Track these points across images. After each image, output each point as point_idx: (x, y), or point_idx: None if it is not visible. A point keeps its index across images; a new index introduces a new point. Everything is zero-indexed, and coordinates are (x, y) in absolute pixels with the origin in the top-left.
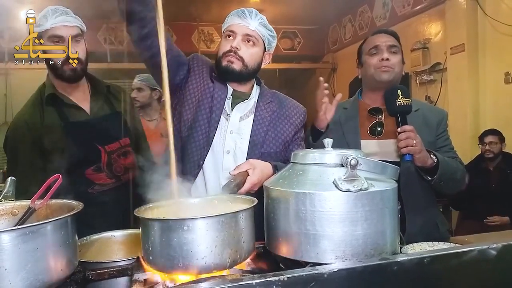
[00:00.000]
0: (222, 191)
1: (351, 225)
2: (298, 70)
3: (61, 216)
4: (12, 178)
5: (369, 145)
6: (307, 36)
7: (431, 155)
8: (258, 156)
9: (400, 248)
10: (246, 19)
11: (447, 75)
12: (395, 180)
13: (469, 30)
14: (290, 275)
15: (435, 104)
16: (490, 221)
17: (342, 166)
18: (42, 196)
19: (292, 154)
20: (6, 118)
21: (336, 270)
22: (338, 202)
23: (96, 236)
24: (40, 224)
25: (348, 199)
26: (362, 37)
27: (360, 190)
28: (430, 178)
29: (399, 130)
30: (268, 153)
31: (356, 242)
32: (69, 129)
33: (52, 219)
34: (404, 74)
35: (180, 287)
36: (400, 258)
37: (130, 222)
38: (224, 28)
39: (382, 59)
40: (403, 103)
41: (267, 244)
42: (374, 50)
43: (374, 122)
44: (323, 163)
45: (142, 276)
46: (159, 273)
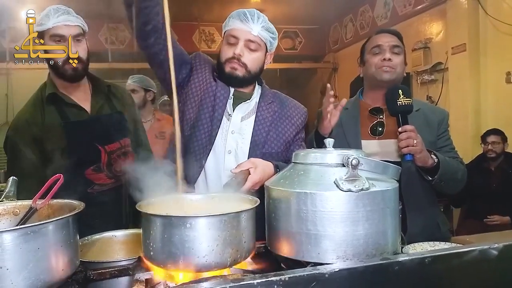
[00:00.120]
0: (223, 189)
1: (352, 225)
2: (299, 70)
3: (62, 216)
4: (14, 178)
5: (370, 145)
6: (308, 36)
7: (432, 155)
8: (259, 156)
9: (401, 248)
10: (248, 24)
11: (448, 75)
12: (396, 180)
13: (470, 29)
14: (291, 275)
15: (436, 104)
16: (490, 220)
17: (343, 166)
18: (43, 196)
19: (293, 154)
20: (7, 118)
21: (337, 270)
22: (339, 202)
23: (97, 236)
24: (42, 224)
25: (349, 199)
26: (363, 36)
27: (361, 190)
28: (430, 178)
29: (400, 130)
30: (270, 153)
31: (357, 242)
32: (69, 128)
33: (54, 219)
34: (405, 74)
35: (181, 287)
36: (401, 258)
37: (129, 222)
38: (225, 30)
39: (384, 59)
40: (404, 103)
41: (268, 244)
42: (376, 49)
43: (375, 122)
44: (324, 163)
45: (143, 275)
46: (158, 269)
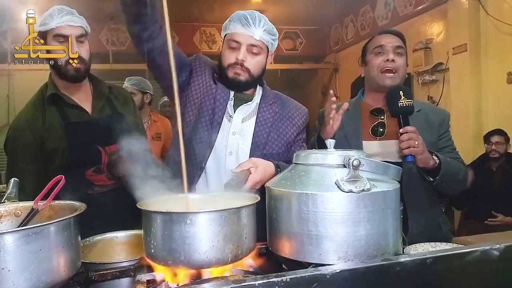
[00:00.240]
0: (224, 189)
1: (353, 225)
2: (300, 71)
3: (64, 217)
4: (15, 179)
5: (371, 146)
6: (309, 37)
7: (433, 156)
8: (260, 157)
9: (403, 248)
10: (250, 28)
11: (449, 75)
12: (397, 181)
13: (471, 30)
14: (292, 276)
15: (437, 104)
16: (492, 220)
17: (345, 166)
18: (45, 197)
19: (294, 155)
20: (9, 119)
21: (338, 271)
22: (340, 203)
23: (99, 237)
24: (44, 225)
25: (350, 199)
26: (364, 37)
27: (363, 190)
28: (432, 179)
29: (401, 131)
30: (271, 154)
31: (358, 243)
32: (70, 129)
33: (55, 220)
34: (406, 75)
35: (183, 287)
36: (402, 259)
37: (130, 224)
38: (226, 34)
39: (387, 60)
40: (405, 104)
41: (269, 244)
42: (379, 49)
43: (376, 123)
44: (326, 163)
45: (144, 277)
46: (159, 266)
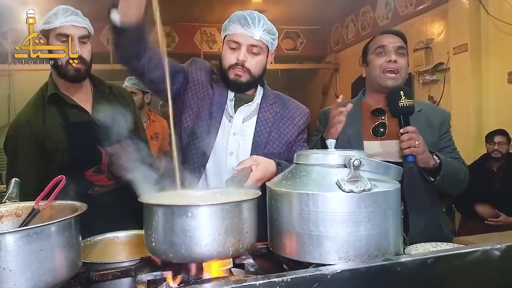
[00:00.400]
0: (225, 186)
1: (354, 225)
2: (301, 71)
3: (65, 217)
4: (16, 179)
5: (371, 146)
6: (310, 37)
7: (434, 156)
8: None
9: (403, 248)
10: (250, 29)
11: (450, 75)
12: (398, 181)
13: (472, 29)
14: (293, 276)
15: (438, 104)
16: (493, 220)
17: (345, 167)
18: (45, 197)
19: (295, 155)
20: (9, 119)
21: (339, 271)
22: (341, 203)
23: (99, 237)
24: (44, 225)
25: (351, 199)
26: (364, 37)
27: (363, 190)
28: (432, 179)
29: (401, 131)
30: (271, 153)
31: (359, 243)
32: (70, 129)
33: (56, 220)
34: (407, 76)
35: (184, 287)
36: (403, 259)
37: (130, 224)
38: (226, 35)
39: (390, 61)
40: (406, 104)
41: (270, 244)
42: (381, 49)
43: (377, 123)
44: (326, 164)
45: (145, 277)
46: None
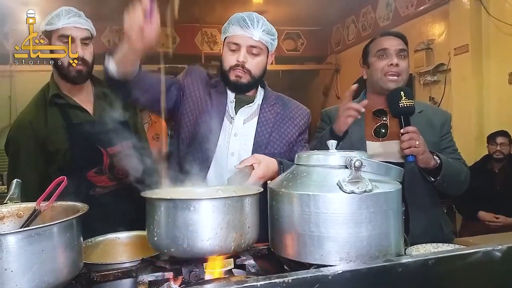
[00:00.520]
0: (227, 183)
1: (355, 226)
2: (301, 71)
3: (66, 218)
4: (18, 180)
5: (373, 147)
6: (310, 37)
7: (434, 156)
8: None
9: (405, 249)
10: (249, 30)
11: (451, 76)
12: (399, 182)
13: (472, 30)
14: (294, 277)
15: (438, 105)
16: (493, 221)
17: (346, 167)
18: (47, 198)
19: (296, 156)
20: (11, 120)
21: (340, 272)
22: (342, 204)
23: (101, 238)
24: (46, 226)
25: (352, 200)
26: (365, 38)
27: (364, 191)
28: (433, 179)
29: (402, 131)
30: (273, 154)
31: (360, 243)
32: (72, 130)
33: (58, 221)
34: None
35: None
36: (404, 260)
37: (131, 225)
38: (226, 37)
39: (391, 64)
40: (406, 104)
41: (271, 245)
42: (382, 52)
43: (378, 124)
44: (327, 164)
45: (147, 277)
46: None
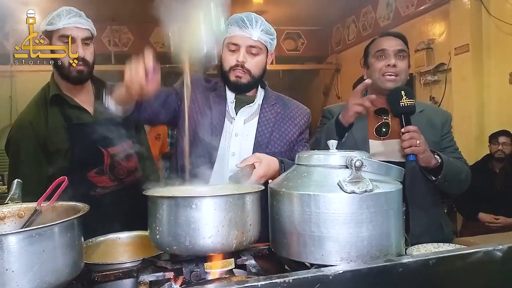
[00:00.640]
0: (229, 182)
1: (356, 226)
2: (302, 71)
3: (67, 218)
4: (19, 180)
5: (375, 145)
6: (311, 37)
7: (435, 155)
8: None
9: (405, 249)
10: (247, 30)
11: (451, 76)
12: (400, 182)
13: (473, 30)
14: (295, 277)
15: (439, 105)
16: (493, 222)
17: (347, 167)
18: (48, 198)
19: (297, 155)
20: (11, 120)
21: (341, 271)
22: (343, 204)
23: (101, 238)
24: (47, 226)
25: (353, 200)
26: (365, 37)
27: (365, 191)
28: (434, 178)
29: (402, 130)
30: (273, 153)
31: (361, 243)
32: (72, 130)
33: (59, 221)
34: (408, 77)
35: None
36: (405, 260)
37: (132, 225)
38: (225, 38)
39: (389, 65)
40: (407, 104)
41: (272, 245)
42: (381, 53)
43: (380, 123)
44: (328, 164)
45: (147, 277)
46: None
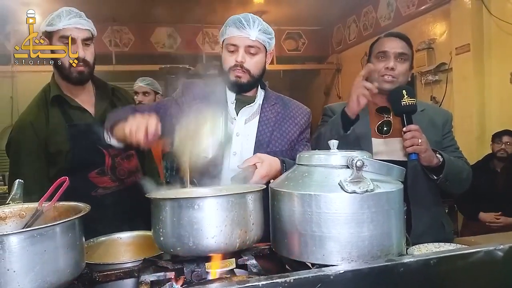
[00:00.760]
0: (231, 183)
1: (357, 226)
2: (303, 71)
3: (68, 218)
4: (20, 180)
5: (376, 144)
6: (312, 37)
7: (437, 154)
8: None
9: (406, 249)
10: (245, 30)
11: (452, 75)
12: (401, 181)
13: (474, 30)
14: (296, 277)
15: (440, 104)
16: (493, 222)
17: (348, 167)
18: (49, 199)
19: (298, 155)
20: (12, 120)
21: (342, 271)
22: (344, 204)
23: (103, 238)
24: (48, 226)
25: (354, 200)
26: (366, 37)
27: (366, 191)
28: (436, 177)
29: (404, 129)
30: (274, 152)
31: (362, 243)
32: (73, 131)
33: (60, 222)
34: (409, 79)
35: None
36: (406, 260)
37: (133, 226)
38: (224, 39)
39: (387, 68)
40: (408, 103)
41: (273, 245)
42: (381, 54)
43: (381, 121)
44: (329, 164)
45: (149, 277)
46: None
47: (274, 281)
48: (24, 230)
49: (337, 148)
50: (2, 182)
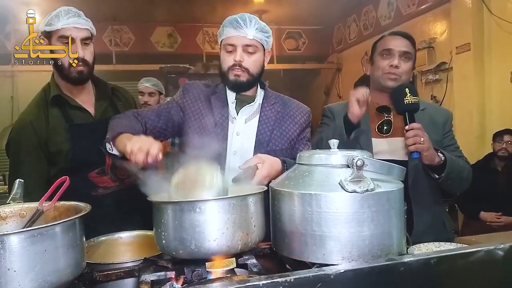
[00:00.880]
0: (232, 183)
1: (357, 226)
2: (303, 71)
3: (69, 218)
4: (20, 180)
5: (377, 143)
6: (312, 37)
7: (439, 153)
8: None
9: (407, 248)
10: (242, 29)
11: (452, 75)
12: (401, 181)
13: (474, 29)
14: (296, 276)
15: (440, 104)
16: (494, 221)
17: (348, 167)
18: (49, 198)
19: (298, 155)
20: (13, 120)
21: (342, 271)
22: (344, 203)
23: (103, 238)
24: (49, 226)
25: (354, 200)
26: (366, 37)
27: (366, 191)
28: (437, 176)
29: (406, 128)
30: (274, 151)
31: (362, 243)
32: (73, 131)
33: (60, 221)
34: (411, 78)
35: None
36: (406, 259)
37: (133, 226)
38: (222, 39)
39: (392, 65)
40: (411, 101)
41: (273, 245)
42: (386, 52)
43: (382, 121)
44: (329, 164)
45: (149, 277)
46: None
47: (275, 280)
48: (24, 229)
49: (337, 148)
50: (2, 182)
